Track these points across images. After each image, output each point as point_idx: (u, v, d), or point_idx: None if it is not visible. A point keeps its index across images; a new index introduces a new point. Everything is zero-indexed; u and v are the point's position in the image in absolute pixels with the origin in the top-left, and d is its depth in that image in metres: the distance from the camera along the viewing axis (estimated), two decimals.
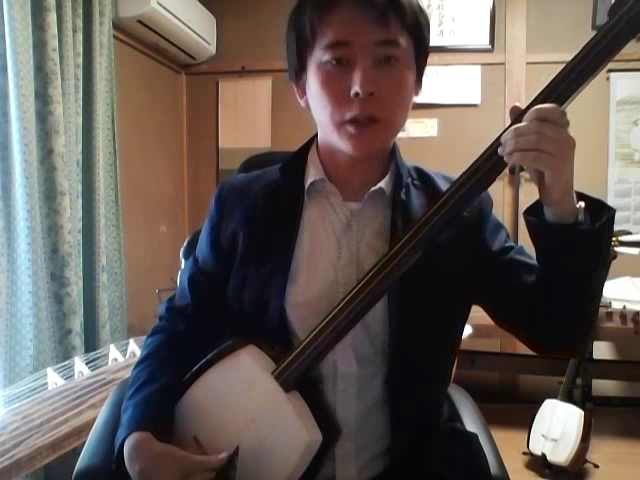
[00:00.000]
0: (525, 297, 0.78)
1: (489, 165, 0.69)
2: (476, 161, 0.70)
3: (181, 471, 0.71)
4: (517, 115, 0.67)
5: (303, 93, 0.84)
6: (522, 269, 0.80)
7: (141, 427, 0.74)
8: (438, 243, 0.73)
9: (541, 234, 0.72)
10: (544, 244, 0.73)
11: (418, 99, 0.85)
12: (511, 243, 0.85)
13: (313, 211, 0.84)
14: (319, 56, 0.77)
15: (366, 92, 0.73)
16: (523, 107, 0.67)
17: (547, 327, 0.78)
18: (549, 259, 0.74)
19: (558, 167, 0.65)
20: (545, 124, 0.63)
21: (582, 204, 0.70)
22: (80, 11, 1.97)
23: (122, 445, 0.74)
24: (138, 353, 1.79)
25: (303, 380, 0.74)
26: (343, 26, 0.75)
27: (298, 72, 0.83)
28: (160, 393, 0.79)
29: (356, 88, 0.74)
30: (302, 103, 0.85)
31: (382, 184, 0.82)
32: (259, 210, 0.85)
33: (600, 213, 0.70)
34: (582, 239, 0.69)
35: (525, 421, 2.22)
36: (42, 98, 1.76)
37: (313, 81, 0.79)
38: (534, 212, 0.72)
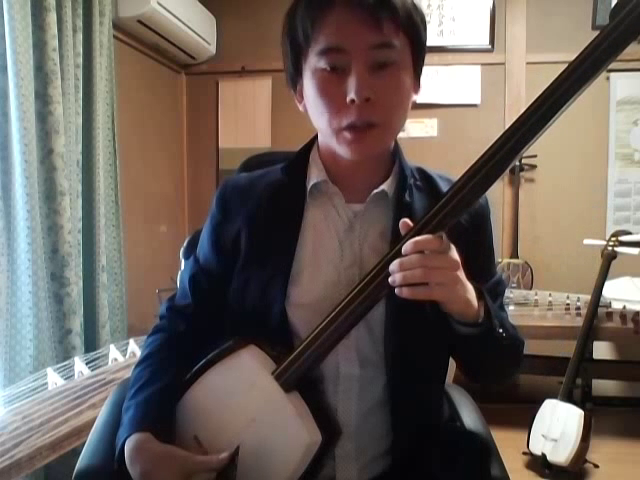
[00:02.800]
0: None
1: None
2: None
3: (182, 472, 0.71)
4: (406, 232, 0.69)
5: (301, 98, 0.83)
6: None
7: (142, 428, 0.74)
8: None
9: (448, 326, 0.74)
10: (451, 333, 0.75)
11: (418, 99, 0.84)
12: (489, 276, 0.85)
13: (316, 212, 0.84)
14: (314, 62, 0.76)
15: (362, 98, 0.73)
16: (511, 120, 0.67)
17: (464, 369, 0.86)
18: (456, 343, 0.78)
19: (449, 293, 0.68)
20: (428, 256, 0.66)
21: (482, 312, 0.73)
22: (80, 11, 1.97)
23: (123, 446, 0.73)
24: (138, 353, 1.79)
25: (303, 381, 0.74)
26: (336, 31, 0.74)
27: (295, 78, 0.83)
28: (161, 394, 0.79)
29: (352, 95, 0.73)
30: (301, 108, 0.84)
31: (384, 186, 0.82)
32: (262, 210, 0.84)
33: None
34: (474, 338, 0.72)
35: (525, 421, 2.22)
36: (42, 98, 1.76)
37: (309, 87, 0.78)
38: None
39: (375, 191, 0.82)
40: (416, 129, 2.88)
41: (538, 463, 2.12)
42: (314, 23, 0.75)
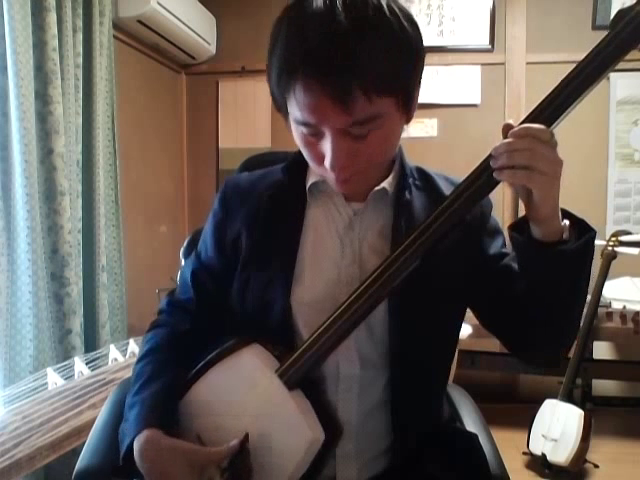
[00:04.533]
0: (512, 305, 0.78)
1: (481, 181, 0.69)
2: (471, 174, 0.70)
3: (193, 465, 0.71)
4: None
5: None
6: (514, 277, 0.79)
7: (150, 425, 0.74)
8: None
9: (525, 251, 0.73)
10: (528, 260, 0.74)
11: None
12: (507, 250, 0.85)
13: (317, 211, 0.84)
14: (293, 121, 0.74)
15: (338, 168, 0.71)
16: (518, 121, 0.67)
17: (528, 337, 0.80)
18: (532, 275, 0.74)
19: (548, 186, 0.66)
20: (537, 142, 0.64)
21: (567, 222, 0.71)
22: (80, 11, 1.97)
23: (131, 443, 0.73)
24: (139, 351, 1.79)
25: (306, 380, 0.74)
26: (307, 110, 0.68)
27: (283, 113, 0.79)
28: (165, 390, 0.79)
29: (327, 163, 0.71)
30: None
31: (385, 184, 0.82)
32: (262, 211, 0.85)
33: (584, 232, 0.70)
34: (564, 258, 0.69)
35: (525, 421, 2.22)
36: (42, 98, 1.76)
37: (294, 132, 0.76)
38: (519, 228, 0.73)
39: (376, 188, 0.82)
40: (416, 129, 2.88)
41: (538, 463, 2.13)
42: (283, 95, 0.72)
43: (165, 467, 0.71)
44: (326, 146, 0.71)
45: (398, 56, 0.68)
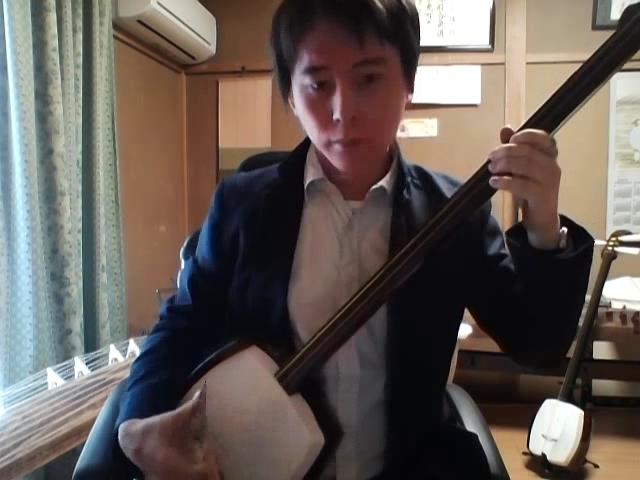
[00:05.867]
0: (511, 305, 0.78)
1: (479, 189, 0.69)
2: (469, 181, 0.70)
3: (171, 440, 0.68)
4: (507, 137, 0.66)
5: (294, 106, 0.83)
6: (513, 278, 0.79)
7: (134, 416, 0.72)
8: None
9: (522, 257, 0.73)
10: (525, 266, 0.74)
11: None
12: (506, 251, 0.85)
13: (315, 210, 0.84)
14: (300, 79, 0.76)
15: (347, 119, 0.72)
16: (518, 122, 0.67)
17: (528, 337, 0.80)
18: (529, 279, 0.75)
19: (543, 196, 0.66)
20: (536, 150, 0.63)
21: (565, 230, 0.71)
22: (80, 11, 1.97)
23: (117, 437, 0.72)
24: (138, 353, 1.79)
25: (306, 382, 0.74)
26: (318, 50, 0.72)
27: (284, 89, 0.82)
28: (158, 387, 0.78)
29: (337, 115, 0.73)
30: (295, 113, 0.84)
31: (383, 182, 0.82)
32: (260, 210, 0.84)
33: (582, 240, 0.70)
34: (561, 266, 0.70)
35: (525, 421, 2.22)
36: (42, 98, 1.76)
37: (298, 101, 0.78)
38: (517, 233, 0.73)
39: (373, 187, 0.82)
40: (416, 129, 2.87)
41: (538, 463, 2.13)
42: (296, 42, 0.74)
43: (144, 447, 0.68)
44: (334, 99, 0.73)
45: (403, 10, 0.73)
